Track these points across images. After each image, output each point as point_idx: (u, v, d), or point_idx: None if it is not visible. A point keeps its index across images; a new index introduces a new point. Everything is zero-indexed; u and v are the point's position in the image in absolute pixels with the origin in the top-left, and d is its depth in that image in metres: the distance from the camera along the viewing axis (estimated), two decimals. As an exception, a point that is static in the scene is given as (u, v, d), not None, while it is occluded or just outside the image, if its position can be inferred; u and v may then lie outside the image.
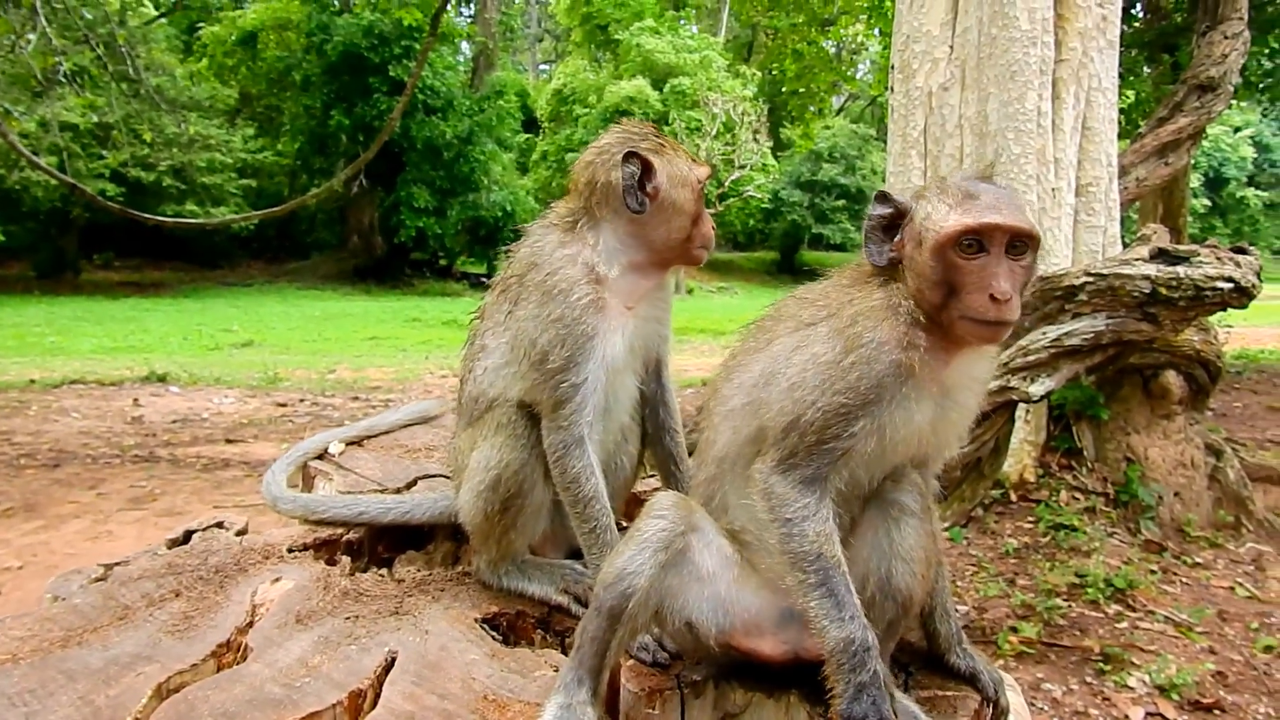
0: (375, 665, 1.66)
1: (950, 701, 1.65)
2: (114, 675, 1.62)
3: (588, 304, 2.05)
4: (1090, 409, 6.79)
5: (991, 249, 1.59)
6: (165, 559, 2.09)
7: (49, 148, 22.78)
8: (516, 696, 1.59)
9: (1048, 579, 5.64)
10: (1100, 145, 7.53)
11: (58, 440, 10.15)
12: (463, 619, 1.83)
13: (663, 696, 1.53)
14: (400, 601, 1.93)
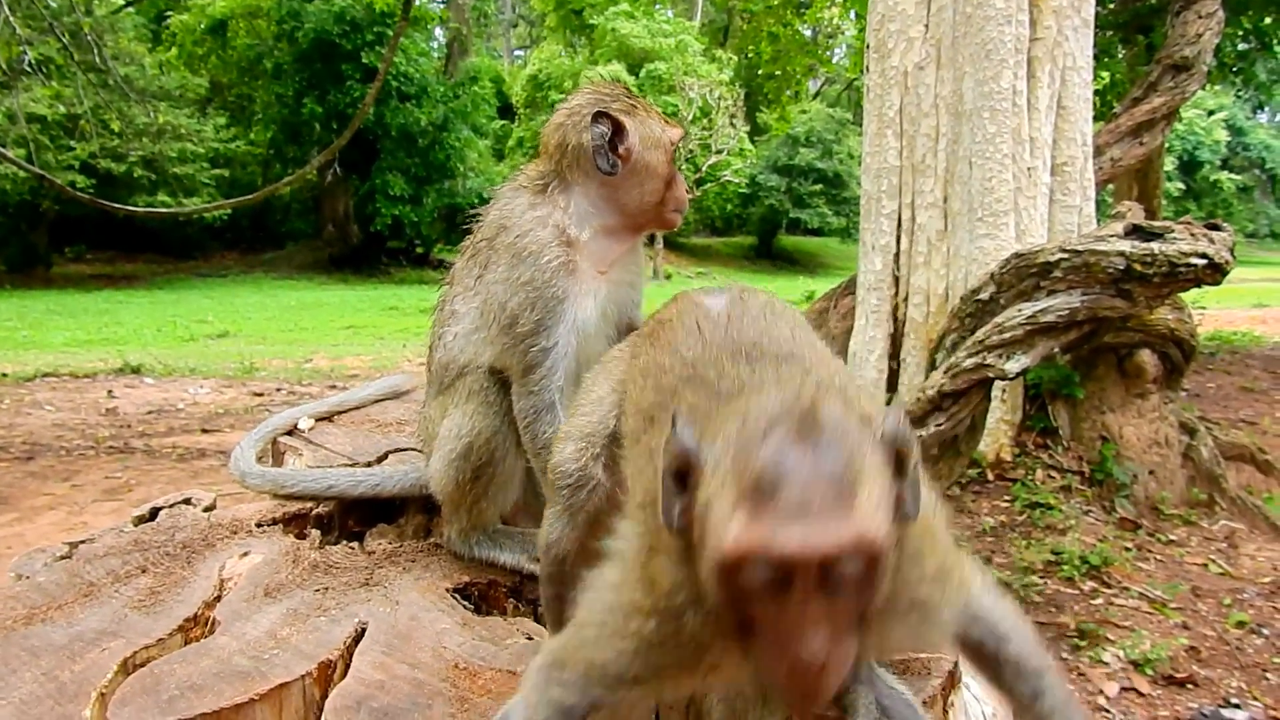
0: (345, 636, 1.64)
1: (924, 664, 1.65)
2: (79, 651, 1.60)
3: (558, 267, 2.00)
4: (1066, 388, 6.83)
5: (798, 579, 1.01)
6: (131, 536, 2.07)
7: (16, 139, 22.47)
8: (488, 664, 1.57)
9: (1024, 557, 5.68)
10: (1075, 124, 7.56)
11: (31, 433, 10.05)
12: (434, 589, 1.82)
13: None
14: (370, 573, 1.91)
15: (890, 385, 7.82)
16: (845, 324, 8.63)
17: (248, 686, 1.47)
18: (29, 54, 12.68)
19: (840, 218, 47.09)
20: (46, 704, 1.46)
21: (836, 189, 47.00)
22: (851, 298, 8.66)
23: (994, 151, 7.20)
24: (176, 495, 2.26)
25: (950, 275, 7.48)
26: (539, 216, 2.05)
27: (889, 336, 7.88)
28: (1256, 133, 60.63)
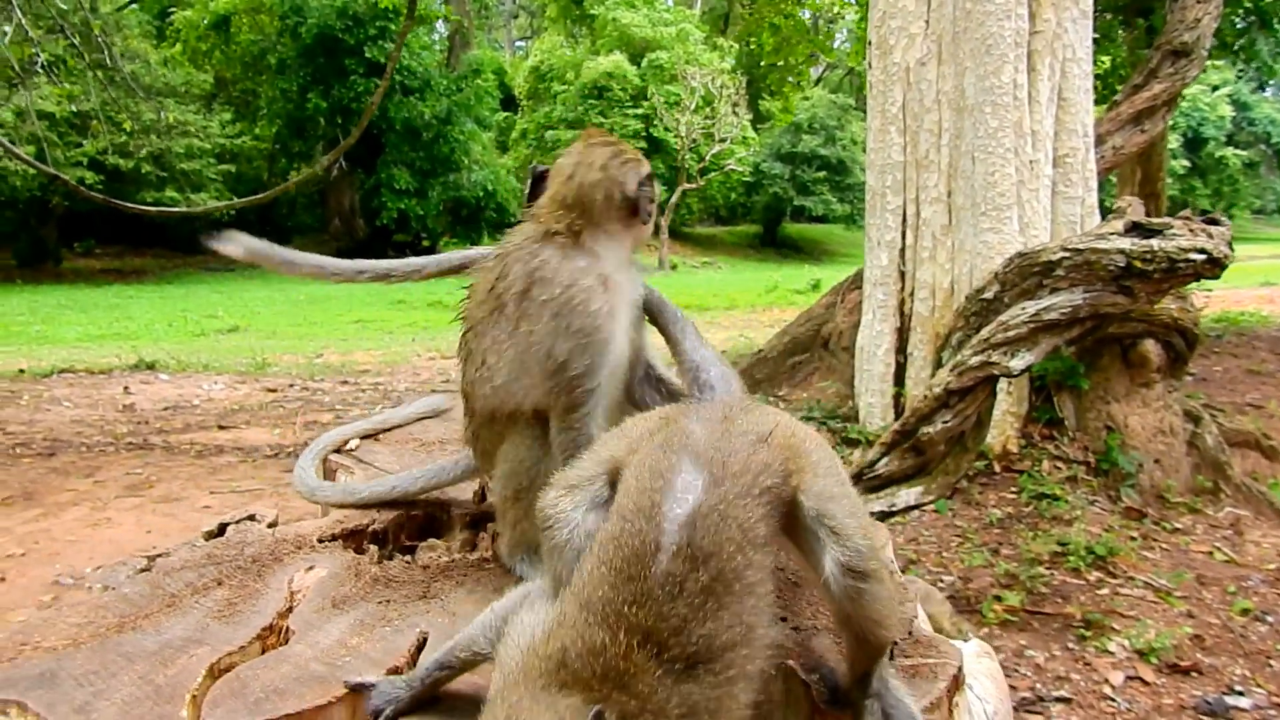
0: (409, 644, 1.79)
1: (931, 669, 1.79)
2: (169, 657, 1.75)
3: (607, 313, 2.11)
4: (1071, 379, 6.94)
5: None
6: (204, 550, 2.22)
7: (26, 137, 22.63)
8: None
9: (1030, 548, 5.79)
10: (1076, 116, 7.65)
11: (51, 429, 10.20)
12: (485, 601, 1.95)
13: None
14: (427, 586, 2.06)
15: (897, 379, 7.95)
16: (852, 319, 8.76)
17: (326, 690, 1.62)
18: (41, 54, 12.78)
19: (845, 204, 47.08)
20: (146, 704, 1.61)
21: (840, 175, 46.96)
22: (858, 292, 8.78)
23: (996, 145, 7.30)
24: (241, 512, 2.41)
25: (955, 269, 7.59)
26: (581, 268, 2.14)
27: (895, 331, 8.00)
28: (1261, 108, 60.03)
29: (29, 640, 1.84)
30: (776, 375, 9.21)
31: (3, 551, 6.46)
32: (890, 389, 7.95)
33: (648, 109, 40.79)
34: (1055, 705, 4.36)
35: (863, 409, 8.14)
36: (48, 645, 1.82)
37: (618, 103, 41.54)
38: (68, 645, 1.82)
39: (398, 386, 12.96)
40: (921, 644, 1.88)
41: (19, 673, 1.74)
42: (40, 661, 1.77)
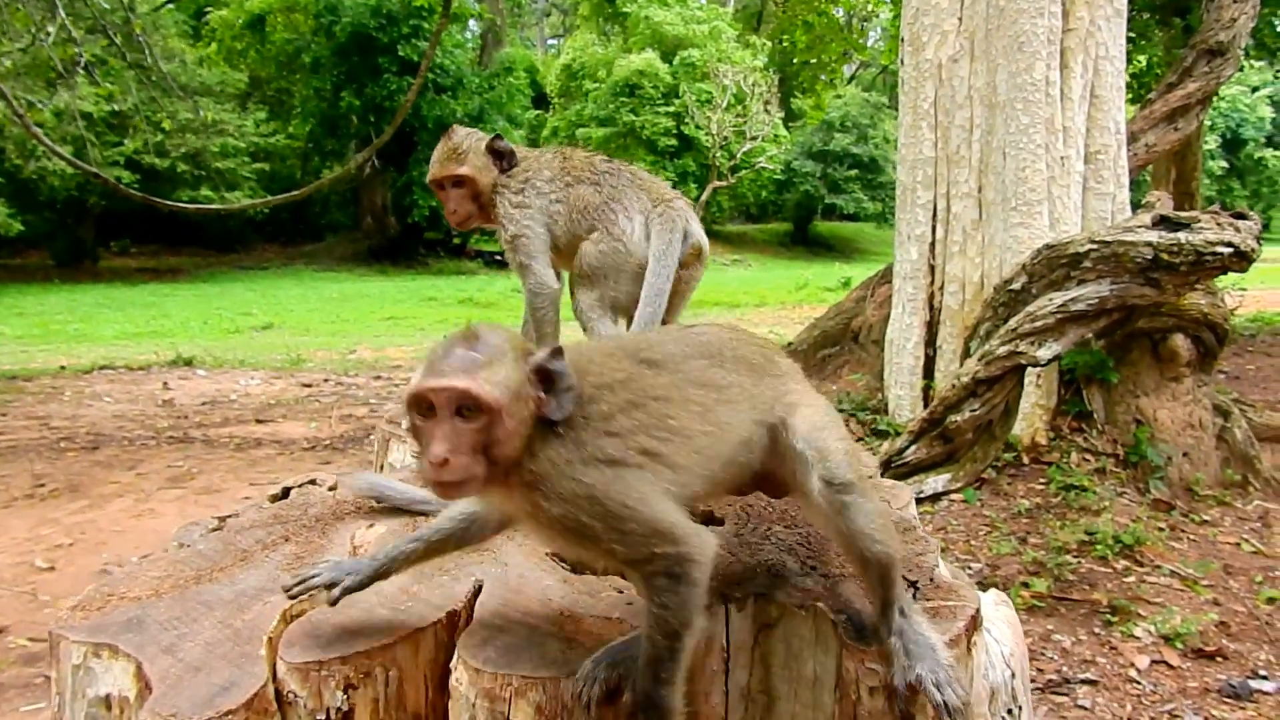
0: (465, 591, 1.93)
1: (951, 610, 1.93)
2: (245, 604, 1.90)
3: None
4: (1100, 372, 6.98)
5: (439, 412, 1.57)
6: (270, 511, 2.38)
7: (64, 137, 23.02)
8: (588, 612, 1.86)
9: (1058, 537, 5.85)
10: (1108, 113, 7.68)
11: (94, 424, 10.46)
12: (535, 553, 2.11)
13: (711, 609, 1.78)
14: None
15: (927, 372, 8.00)
16: (882, 312, 8.82)
17: (391, 631, 1.77)
18: (83, 55, 13.06)
19: (876, 203, 46.91)
20: (227, 645, 1.76)
21: (872, 174, 46.79)
22: (888, 286, 8.84)
23: (1027, 142, 7.34)
24: (303, 476, 2.56)
25: (985, 264, 7.64)
26: None
27: (925, 324, 8.05)
28: (1302, 109, 59.11)
29: (115, 592, 2.00)
30: (807, 368, 9.25)
31: (52, 541, 6.68)
32: (919, 382, 8.01)
33: (679, 107, 40.82)
34: (1081, 687, 4.43)
35: (892, 401, 8.20)
36: (132, 596, 1.98)
37: (649, 100, 41.62)
38: (150, 596, 1.98)
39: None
40: (942, 588, 2.01)
41: (109, 620, 1.90)
42: (127, 609, 1.93)
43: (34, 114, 12.45)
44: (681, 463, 1.73)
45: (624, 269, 3.03)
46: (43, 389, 12.56)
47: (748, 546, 2.09)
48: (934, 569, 2.04)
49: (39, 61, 13.69)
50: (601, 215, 3.10)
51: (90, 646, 1.79)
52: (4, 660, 4.90)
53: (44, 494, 7.79)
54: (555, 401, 1.63)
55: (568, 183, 3.18)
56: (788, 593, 1.87)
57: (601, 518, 1.61)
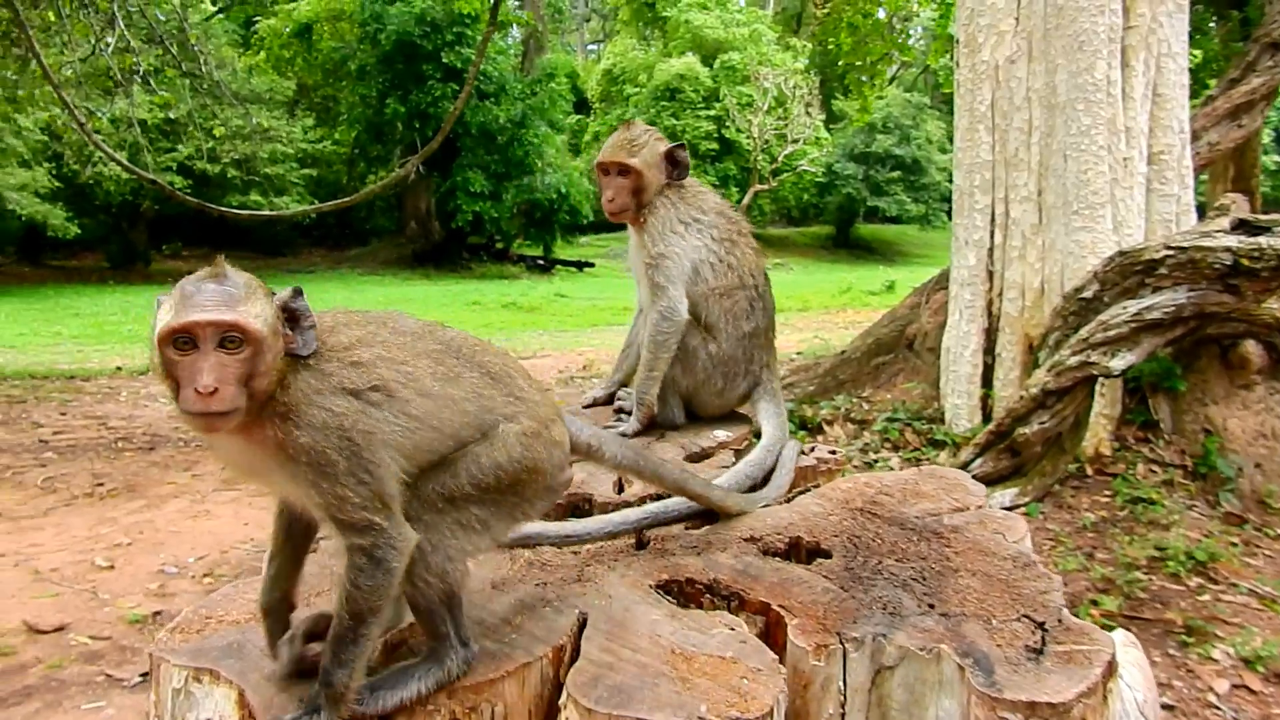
0: (570, 624, 1.87)
1: (1085, 655, 1.80)
2: (348, 634, 1.85)
3: None
4: (1167, 381, 6.80)
5: (200, 345, 1.60)
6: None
7: (120, 143, 23.41)
8: (700, 650, 1.78)
9: (1127, 552, 5.69)
10: (1171, 112, 7.51)
11: (150, 424, 10.57)
12: (639, 585, 2.05)
13: (827, 650, 1.70)
14: (580, 570, 2.14)
15: (985, 380, 7.85)
16: (938, 319, 8.68)
17: (498, 665, 1.72)
18: (141, 64, 13.24)
19: (919, 205, 46.44)
20: (328, 674, 1.72)
21: (915, 175, 46.32)
22: (944, 293, 8.69)
23: (1089, 143, 7.19)
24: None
25: (1046, 269, 7.49)
26: None
27: (983, 331, 7.91)
28: (1362, 103, 57.46)
29: (213, 615, 1.98)
30: (860, 376, 9.16)
31: (111, 540, 6.74)
32: (977, 390, 7.86)
33: (720, 110, 40.73)
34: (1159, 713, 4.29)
35: (949, 411, 8.06)
36: (231, 619, 1.97)
37: (689, 104, 41.56)
38: (249, 619, 1.96)
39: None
40: (1072, 630, 1.90)
41: (209, 644, 1.89)
42: (227, 633, 1.92)
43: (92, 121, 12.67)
44: (414, 413, 1.80)
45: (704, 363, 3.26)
46: (100, 389, 12.73)
47: (860, 582, 2.02)
48: (1061, 609, 1.94)
49: (98, 70, 13.90)
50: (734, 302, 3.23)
51: (191, 671, 1.79)
52: (65, 658, 4.94)
53: (103, 493, 7.87)
54: (300, 339, 1.73)
55: (731, 235, 3.27)
56: (907, 633, 1.79)
57: (345, 454, 1.69)
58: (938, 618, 1.89)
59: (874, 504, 2.47)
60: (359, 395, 1.75)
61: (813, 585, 2.04)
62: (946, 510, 2.45)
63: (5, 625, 5.28)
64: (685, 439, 3.15)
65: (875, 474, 2.73)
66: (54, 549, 6.52)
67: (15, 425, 10.34)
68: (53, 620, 5.35)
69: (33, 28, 10.81)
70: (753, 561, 2.17)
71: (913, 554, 2.14)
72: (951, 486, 2.60)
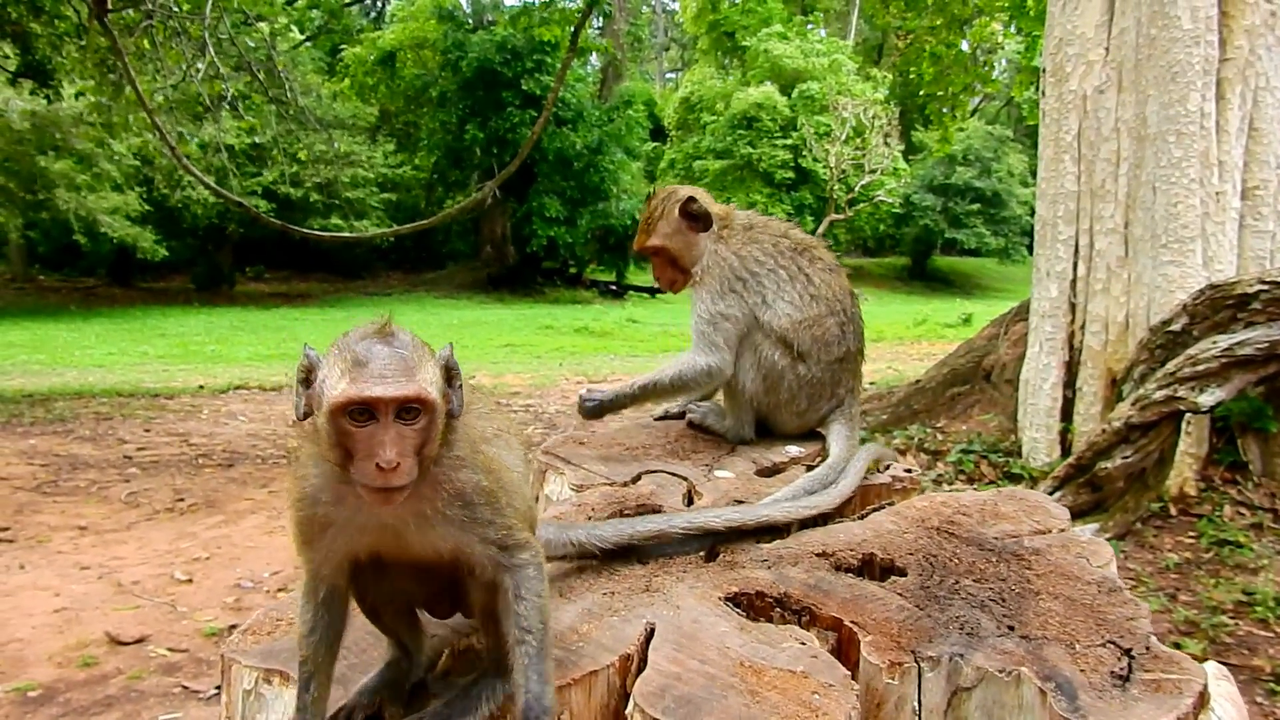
0: (637, 634, 1.85)
1: (1175, 684, 1.74)
2: (414, 638, 1.87)
3: None
4: (1257, 421, 6.56)
5: (380, 417, 1.55)
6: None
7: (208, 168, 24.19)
8: (770, 664, 1.74)
9: (1212, 595, 5.49)
10: (1268, 146, 7.29)
11: (229, 442, 10.83)
12: (707, 597, 2.02)
13: (902, 668, 1.66)
14: (648, 580, 2.12)
15: (1065, 414, 7.67)
16: (1016, 351, 8.51)
17: (564, 672, 1.71)
18: (230, 90, 13.68)
19: (999, 238, 45.73)
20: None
21: (995, 209, 45.64)
22: (1023, 324, 8.53)
23: (1180, 176, 7.02)
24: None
25: (1131, 303, 7.30)
26: None
27: (1064, 364, 7.73)
28: None
29: (284, 617, 2.00)
30: (935, 406, 9.01)
31: (190, 555, 6.91)
32: (1056, 424, 7.68)
33: (797, 139, 40.65)
34: (1249, 763, 4.11)
35: (1026, 444, 7.88)
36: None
37: (766, 133, 41.56)
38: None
39: (548, 409, 13.23)
40: (1161, 659, 1.83)
41: (278, 645, 1.91)
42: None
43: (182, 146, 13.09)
44: (514, 465, 1.86)
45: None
46: (183, 407, 13.10)
47: (936, 601, 1.97)
48: (1149, 636, 1.87)
49: (188, 96, 14.39)
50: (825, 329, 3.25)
51: (261, 672, 1.80)
52: (144, 669, 5.06)
53: (183, 508, 8.08)
54: (455, 398, 1.70)
55: (800, 268, 3.26)
56: (986, 654, 1.74)
57: (500, 487, 1.73)
58: (1018, 640, 1.83)
59: (951, 523, 2.41)
60: (492, 442, 1.81)
61: (887, 603, 2.00)
62: (1027, 532, 2.38)
63: (89, 636, 5.44)
64: (756, 453, 3.13)
65: (952, 494, 2.66)
66: (136, 562, 6.71)
67: (102, 441, 10.67)
68: (133, 632, 5.50)
69: (128, 54, 11.24)
70: (825, 577, 2.13)
71: (991, 575, 2.08)
72: (1033, 509, 2.52)
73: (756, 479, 2.87)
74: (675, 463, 3.05)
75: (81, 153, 26.68)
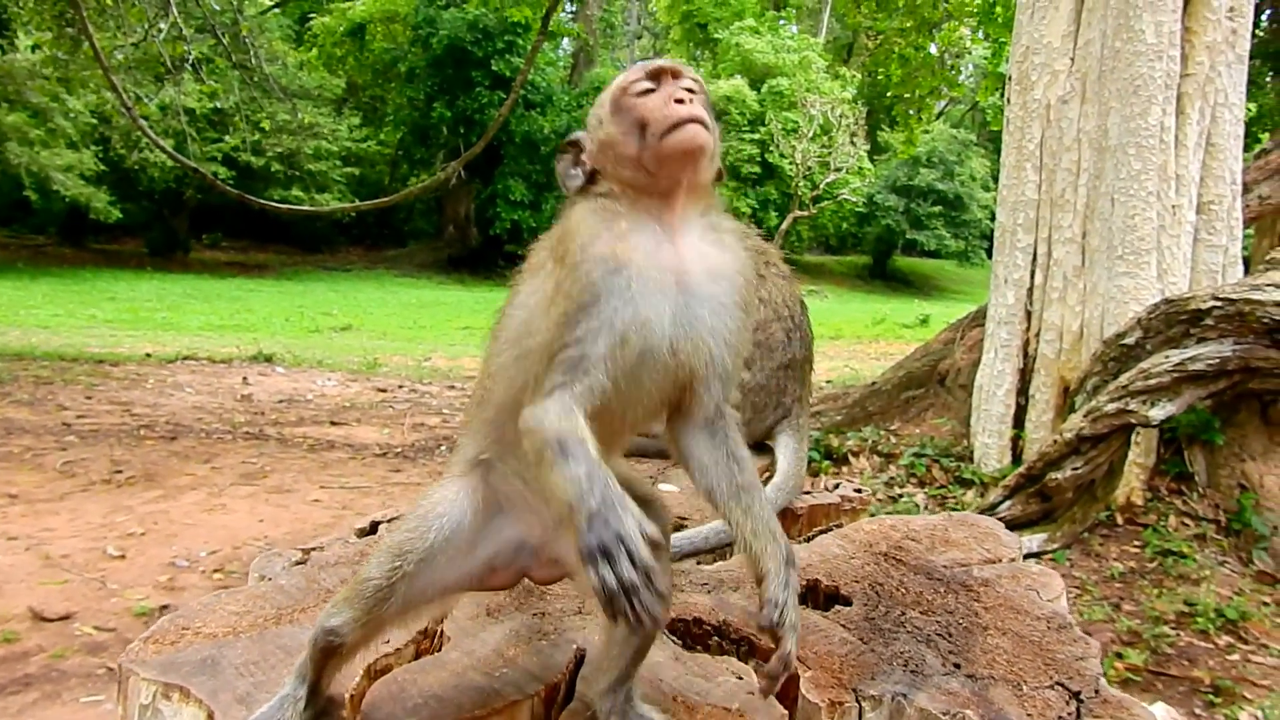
0: (566, 660, 1.75)
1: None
2: (325, 653, 1.75)
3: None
4: (1204, 433, 6.63)
5: (661, 85, 1.64)
6: (357, 547, 2.24)
7: (167, 130, 23.71)
8: (704, 700, 1.66)
9: (1155, 606, 5.54)
10: (1224, 162, 7.36)
11: (174, 414, 10.60)
12: (639, 618, 1.93)
13: (842, 708, 1.60)
14: (582, 602, 2.03)
15: (1017, 421, 7.70)
16: (972, 356, 8.54)
17: (485, 700, 1.60)
18: (192, 52, 13.38)
19: (959, 240, 46.15)
20: (306, 700, 1.61)
21: (956, 211, 46.04)
22: (979, 330, 8.56)
23: (1138, 189, 7.05)
24: (392, 512, 2.43)
25: (1086, 312, 7.34)
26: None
27: (1018, 371, 7.76)
28: None
29: (190, 626, 1.88)
30: (889, 409, 9.02)
31: (124, 529, 6.70)
32: (1009, 431, 7.71)
33: (764, 135, 40.66)
34: (1183, 776, 4.14)
35: (978, 449, 7.91)
36: (208, 632, 1.85)
37: (735, 126, 41.53)
38: (227, 634, 1.85)
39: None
40: (1110, 704, 1.77)
41: (182, 657, 1.78)
42: (201, 648, 1.80)
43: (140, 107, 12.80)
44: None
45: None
46: (128, 375, 12.81)
47: (880, 634, 1.91)
48: (1098, 678, 1.81)
49: (149, 56, 14.07)
50: (769, 334, 3.19)
51: (160, 686, 1.68)
52: (69, 648, 4.87)
53: (121, 480, 7.85)
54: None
55: (757, 270, 3.16)
56: (930, 694, 1.68)
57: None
58: (963, 679, 1.78)
59: (899, 549, 2.35)
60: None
61: (829, 635, 1.94)
62: (977, 561, 2.33)
63: (10, 610, 5.21)
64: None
65: (902, 517, 2.60)
66: (67, 535, 6.48)
67: (40, 406, 10.40)
68: (59, 608, 5.29)
69: (87, 9, 10.93)
70: (765, 604, 2.06)
71: (939, 607, 2.03)
72: (983, 536, 2.47)
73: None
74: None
75: (36, 107, 26.12)
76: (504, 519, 1.66)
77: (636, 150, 1.62)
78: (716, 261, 1.68)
